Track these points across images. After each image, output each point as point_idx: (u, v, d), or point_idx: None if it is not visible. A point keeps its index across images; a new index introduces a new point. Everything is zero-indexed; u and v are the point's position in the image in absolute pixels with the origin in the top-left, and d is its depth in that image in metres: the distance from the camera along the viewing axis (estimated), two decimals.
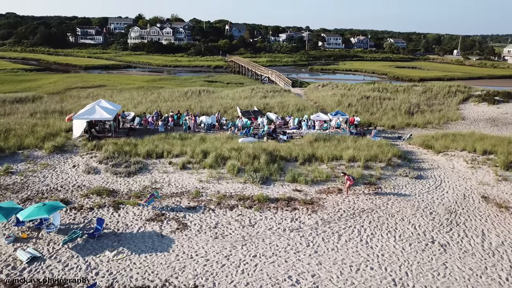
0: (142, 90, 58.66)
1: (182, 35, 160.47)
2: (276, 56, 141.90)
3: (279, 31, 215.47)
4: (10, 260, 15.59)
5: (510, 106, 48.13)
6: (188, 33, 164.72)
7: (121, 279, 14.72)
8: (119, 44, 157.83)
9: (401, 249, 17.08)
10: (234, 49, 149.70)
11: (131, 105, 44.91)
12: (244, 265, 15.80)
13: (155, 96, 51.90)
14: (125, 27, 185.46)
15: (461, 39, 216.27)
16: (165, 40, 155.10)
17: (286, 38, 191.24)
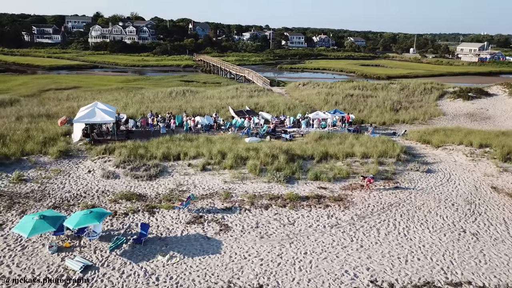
0: (122, 91, 57.21)
1: (146, 34, 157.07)
2: (244, 55, 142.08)
3: (242, 30, 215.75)
4: (61, 270, 15.10)
5: (483, 101, 51.24)
6: (152, 32, 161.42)
7: (184, 283, 14.67)
8: (79, 43, 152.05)
9: (438, 240, 18.07)
10: (200, 48, 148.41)
11: (119, 107, 43.75)
12: (299, 262, 16.17)
13: (139, 97, 50.79)
14: (84, 26, 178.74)
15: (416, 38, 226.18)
16: (129, 39, 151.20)
17: (250, 37, 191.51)
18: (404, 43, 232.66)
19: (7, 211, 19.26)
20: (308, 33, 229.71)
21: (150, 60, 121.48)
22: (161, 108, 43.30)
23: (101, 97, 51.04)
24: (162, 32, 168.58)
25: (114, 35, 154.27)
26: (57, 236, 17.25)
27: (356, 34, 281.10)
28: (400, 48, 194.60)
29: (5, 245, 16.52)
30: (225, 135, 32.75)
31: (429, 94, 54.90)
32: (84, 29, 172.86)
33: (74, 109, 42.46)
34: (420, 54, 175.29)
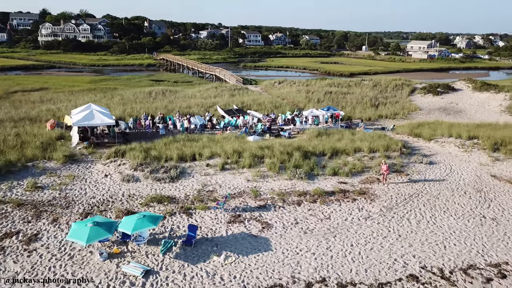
0: (96, 92, 55.29)
1: (102, 32, 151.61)
2: (206, 54, 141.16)
3: (199, 28, 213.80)
4: (121, 277, 14.81)
5: (451, 96, 54.69)
6: (107, 30, 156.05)
7: (250, 281, 14.90)
8: (28, 42, 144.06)
9: (464, 226, 19.46)
10: (158, 46, 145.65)
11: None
12: (349, 254, 16.87)
13: (118, 98, 49.38)
14: (31, 23, 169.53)
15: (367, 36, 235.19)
16: (83, 38, 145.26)
17: (207, 35, 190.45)
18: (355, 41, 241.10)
19: (37, 220, 18.43)
20: (264, 31, 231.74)
21: (110, 59, 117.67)
22: (146, 109, 42.51)
23: (77, 98, 49.17)
24: (117, 30, 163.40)
25: (67, 33, 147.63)
26: (102, 242, 16.81)
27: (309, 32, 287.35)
28: (354, 46, 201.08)
29: (50, 255, 15.89)
30: (226, 135, 32.80)
31: (400, 90, 57.71)
32: (31, 27, 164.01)
33: (55, 112, 40.82)
34: (373, 51, 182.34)
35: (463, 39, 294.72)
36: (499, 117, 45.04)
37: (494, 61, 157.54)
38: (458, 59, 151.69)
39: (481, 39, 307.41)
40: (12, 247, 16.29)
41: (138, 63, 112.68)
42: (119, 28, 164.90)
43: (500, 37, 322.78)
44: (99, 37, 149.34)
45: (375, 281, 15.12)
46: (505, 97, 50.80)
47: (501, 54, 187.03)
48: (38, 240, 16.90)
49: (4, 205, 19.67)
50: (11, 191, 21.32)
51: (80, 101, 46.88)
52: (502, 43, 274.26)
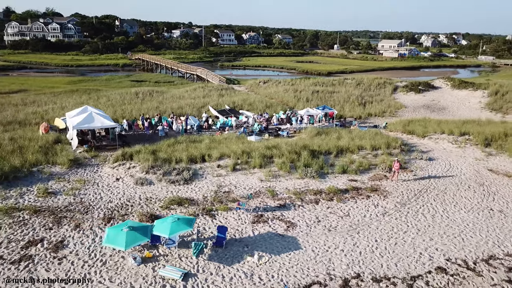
0: (79, 93, 53.91)
1: (72, 31, 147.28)
2: (181, 53, 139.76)
3: (171, 27, 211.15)
4: (161, 281, 14.75)
5: (432, 94, 56.64)
6: (78, 29, 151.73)
7: (289, 279, 15.15)
8: None
9: (476, 219, 20.40)
10: (132, 46, 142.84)
11: None
12: (376, 249, 17.40)
13: (105, 100, 48.34)
14: None
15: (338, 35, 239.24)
16: (53, 37, 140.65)
17: (180, 34, 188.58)
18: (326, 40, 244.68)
19: (59, 226, 18.00)
20: (237, 31, 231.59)
21: (83, 60, 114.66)
22: (138, 110, 41.91)
23: (61, 100, 47.85)
24: (88, 29, 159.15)
25: (35, 32, 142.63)
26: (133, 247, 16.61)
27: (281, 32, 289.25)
28: (327, 45, 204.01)
29: (82, 262, 15.61)
30: (226, 135, 32.81)
31: (383, 88, 59.24)
32: None
33: (42, 114, 39.61)
34: (346, 50, 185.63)
35: (429, 37, 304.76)
36: (480, 113, 47.10)
37: (461, 59, 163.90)
38: (427, 57, 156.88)
39: (445, 38, 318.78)
40: (40, 255, 15.88)
41: (113, 63, 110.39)
42: (89, 27, 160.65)
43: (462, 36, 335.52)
44: (70, 36, 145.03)
45: (407, 275, 15.69)
46: (483, 94, 53.12)
47: (465, 52, 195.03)
48: (65, 247, 16.53)
49: (19, 212, 19.08)
50: (23, 197, 20.68)
51: (65, 103, 45.71)
52: (465, 42, 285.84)
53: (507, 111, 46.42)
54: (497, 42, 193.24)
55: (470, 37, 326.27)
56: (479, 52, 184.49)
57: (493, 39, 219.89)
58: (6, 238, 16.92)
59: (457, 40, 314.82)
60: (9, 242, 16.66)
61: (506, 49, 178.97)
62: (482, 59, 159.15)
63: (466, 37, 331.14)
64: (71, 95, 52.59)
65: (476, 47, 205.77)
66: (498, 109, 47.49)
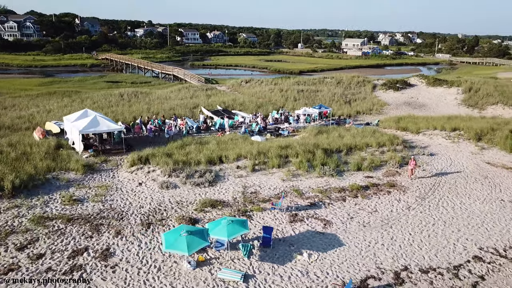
0: (60, 95, 51.92)
1: (31, 30, 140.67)
2: (149, 52, 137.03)
3: (134, 26, 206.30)
4: (222, 283, 14.86)
5: (409, 91, 59.08)
6: (37, 28, 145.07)
7: (344, 275, 15.69)
8: None
9: (490, 209, 21.80)
10: (96, 45, 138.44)
11: None
12: (413, 242, 18.27)
13: (90, 102, 46.88)
14: None
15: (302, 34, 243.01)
16: (10, 36, 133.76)
17: (144, 33, 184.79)
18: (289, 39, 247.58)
19: (99, 234, 17.60)
20: (201, 29, 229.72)
21: (47, 60, 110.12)
22: (130, 112, 41.00)
23: (44, 104, 45.95)
24: (47, 28, 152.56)
25: None
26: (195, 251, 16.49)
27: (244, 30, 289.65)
28: (292, 43, 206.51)
29: (136, 269, 15.43)
30: (230, 136, 32.87)
31: (363, 86, 61.13)
32: None
33: (29, 118, 37.95)
34: (311, 49, 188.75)
35: (386, 36, 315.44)
36: (458, 109, 49.76)
37: (420, 57, 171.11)
38: (389, 56, 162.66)
39: (401, 37, 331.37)
40: (91, 264, 15.53)
41: (80, 63, 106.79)
42: (49, 26, 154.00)
43: (417, 35, 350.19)
44: (28, 35, 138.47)
45: (449, 264, 16.65)
46: (458, 91, 56.08)
47: (422, 50, 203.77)
48: (113, 255, 16.23)
49: (52, 221, 18.46)
50: (48, 206, 19.99)
51: (49, 106, 44.00)
52: (420, 40, 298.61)
53: (483, 106, 49.34)
54: (451, 41, 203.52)
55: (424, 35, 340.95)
56: (436, 50, 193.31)
57: (447, 38, 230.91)
58: (48, 249, 16.38)
59: (412, 38, 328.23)
60: (53, 253, 16.15)
61: (460, 47, 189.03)
62: (440, 57, 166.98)
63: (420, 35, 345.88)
64: (50, 97, 50.57)
65: (432, 45, 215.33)
66: (474, 105, 50.35)
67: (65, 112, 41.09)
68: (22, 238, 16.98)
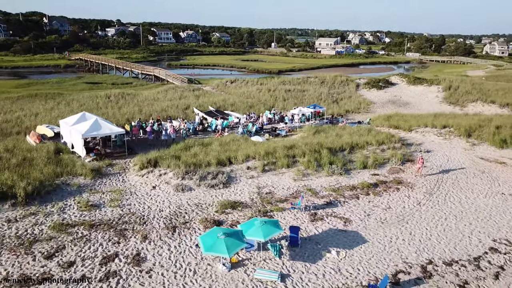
0: (42, 98, 50.34)
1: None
2: (123, 52, 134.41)
3: (105, 25, 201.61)
4: (260, 284, 15.06)
5: (391, 90, 60.78)
6: (3, 27, 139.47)
7: (375, 271, 16.19)
8: None
9: (493, 202, 22.90)
10: (67, 45, 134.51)
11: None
12: (431, 236, 19.01)
13: (77, 105, 45.75)
14: None
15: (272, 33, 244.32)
16: None
17: (115, 33, 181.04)
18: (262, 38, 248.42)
19: (126, 239, 17.41)
20: (173, 29, 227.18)
21: (17, 61, 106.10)
22: (122, 115, 40.35)
23: (28, 107, 44.45)
24: (14, 27, 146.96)
25: None
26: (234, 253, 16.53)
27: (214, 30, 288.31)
28: (266, 43, 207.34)
29: (172, 273, 15.41)
30: (230, 137, 32.92)
31: (346, 85, 62.37)
32: None
33: (17, 122, 36.76)
34: (286, 48, 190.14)
35: (356, 35, 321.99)
36: (440, 107, 51.64)
37: (391, 56, 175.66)
38: (362, 55, 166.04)
39: (371, 36, 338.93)
40: (125, 271, 15.37)
41: (53, 64, 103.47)
42: (16, 25, 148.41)
43: (385, 34, 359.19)
44: None
45: (469, 256, 17.46)
46: (438, 89, 58.15)
47: (392, 49, 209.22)
48: (145, 260, 16.12)
49: (74, 228, 18.10)
50: (65, 212, 19.56)
51: (35, 109, 42.63)
52: (388, 39, 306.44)
53: (464, 104, 51.39)
54: (420, 40, 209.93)
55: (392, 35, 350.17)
56: (405, 49, 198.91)
57: (416, 37, 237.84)
58: (78, 256, 16.08)
59: (381, 37, 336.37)
60: (83, 260, 15.87)
61: (428, 46, 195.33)
62: (410, 56, 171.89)
63: (388, 35, 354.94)
64: (32, 100, 48.97)
65: (401, 44, 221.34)
66: (455, 103, 52.37)
67: (53, 115, 40.12)
68: (47, 246, 16.59)
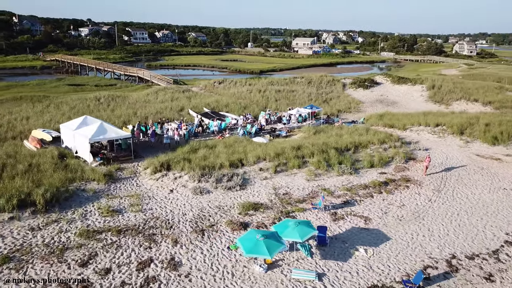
0: (28, 101, 48.91)
1: None
2: (100, 53, 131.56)
3: (77, 25, 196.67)
4: (299, 284, 15.39)
5: (377, 89, 62.20)
6: None
7: (405, 267, 16.78)
8: None
9: (497, 197, 23.99)
10: (41, 46, 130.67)
11: (64, 121, 38.29)
12: (448, 231, 19.80)
13: (67, 108, 44.70)
14: None
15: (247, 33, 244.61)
16: None
17: (89, 33, 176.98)
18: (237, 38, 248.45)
19: (157, 244, 17.36)
20: (148, 28, 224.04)
21: None
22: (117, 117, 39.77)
23: (16, 110, 43.13)
24: None
25: None
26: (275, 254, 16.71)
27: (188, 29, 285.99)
28: (242, 42, 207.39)
29: (211, 277, 15.53)
30: (233, 138, 33.04)
31: (333, 85, 63.38)
32: None
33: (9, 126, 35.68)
34: (263, 48, 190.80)
35: (330, 35, 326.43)
36: (426, 105, 53.27)
37: (366, 55, 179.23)
38: (339, 54, 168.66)
39: (344, 36, 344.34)
40: (164, 276, 15.37)
41: (28, 65, 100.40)
42: None
43: (357, 34, 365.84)
44: None
45: (488, 250, 18.31)
46: (423, 88, 59.97)
47: (366, 49, 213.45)
48: (181, 264, 16.15)
49: (101, 234, 17.89)
50: (88, 218, 19.28)
51: (25, 113, 41.47)
52: (361, 39, 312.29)
53: (448, 102, 53.22)
54: (393, 40, 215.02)
55: (364, 34, 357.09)
56: (379, 48, 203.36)
57: (389, 37, 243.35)
58: (112, 263, 15.95)
59: (354, 37, 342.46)
60: (119, 266, 15.77)
61: (401, 46, 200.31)
62: (385, 55, 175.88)
63: (361, 34, 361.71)
64: (18, 103, 47.56)
65: (375, 44, 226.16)
66: (440, 101, 54.16)
67: (46, 119, 39.18)
68: (79, 254, 16.36)
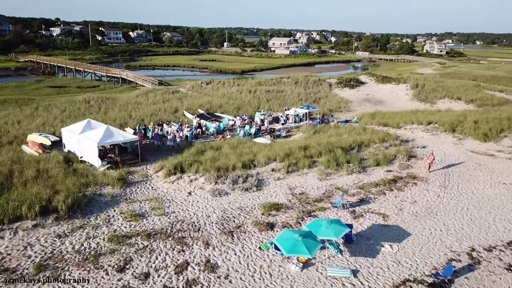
0: (14, 104, 47.47)
1: None
2: (75, 54, 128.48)
3: (48, 24, 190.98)
4: (336, 281, 15.82)
5: (363, 88, 63.56)
6: None
7: (431, 262, 17.48)
8: None
9: (499, 192, 25.17)
10: (11, 46, 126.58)
11: (58, 125, 37.41)
12: (463, 226, 20.70)
13: (56, 110, 43.57)
14: None
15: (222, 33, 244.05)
16: None
17: (61, 32, 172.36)
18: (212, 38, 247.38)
19: (188, 248, 17.42)
20: (122, 28, 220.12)
21: None
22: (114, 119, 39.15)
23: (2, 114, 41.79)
24: None
25: None
26: None
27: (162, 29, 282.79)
28: (219, 42, 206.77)
29: (250, 277, 15.77)
30: (236, 139, 33.20)
31: (319, 85, 64.34)
32: None
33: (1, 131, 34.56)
34: (240, 48, 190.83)
35: (303, 34, 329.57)
36: (412, 104, 54.90)
37: (342, 55, 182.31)
38: (316, 54, 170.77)
39: (317, 35, 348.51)
40: (204, 278, 15.48)
41: (1, 67, 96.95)
42: None
43: (330, 33, 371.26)
44: None
45: (503, 241, 19.29)
46: (407, 87, 61.71)
47: (341, 48, 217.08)
48: (217, 266, 16.29)
49: (131, 239, 17.78)
50: (112, 224, 19.11)
51: (14, 116, 40.21)
52: (334, 38, 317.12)
53: (433, 100, 55.05)
54: (367, 39, 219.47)
55: (337, 34, 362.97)
56: (353, 48, 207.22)
57: (363, 37, 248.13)
58: (150, 267, 15.93)
59: (327, 36, 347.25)
60: (157, 271, 15.76)
61: (375, 45, 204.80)
62: (360, 55, 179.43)
63: (334, 34, 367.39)
64: (4, 107, 45.99)
65: (348, 43, 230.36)
66: (425, 100, 55.93)
67: (38, 122, 38.14)
68: (114, 259, 16.24)
